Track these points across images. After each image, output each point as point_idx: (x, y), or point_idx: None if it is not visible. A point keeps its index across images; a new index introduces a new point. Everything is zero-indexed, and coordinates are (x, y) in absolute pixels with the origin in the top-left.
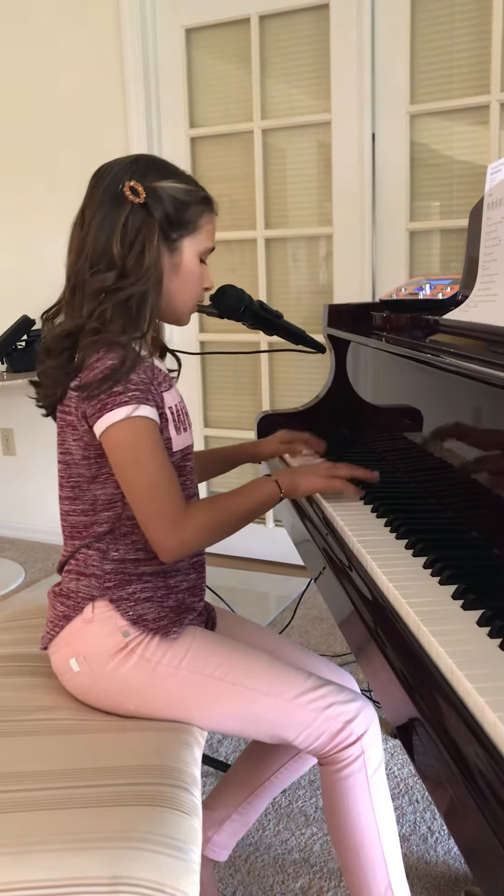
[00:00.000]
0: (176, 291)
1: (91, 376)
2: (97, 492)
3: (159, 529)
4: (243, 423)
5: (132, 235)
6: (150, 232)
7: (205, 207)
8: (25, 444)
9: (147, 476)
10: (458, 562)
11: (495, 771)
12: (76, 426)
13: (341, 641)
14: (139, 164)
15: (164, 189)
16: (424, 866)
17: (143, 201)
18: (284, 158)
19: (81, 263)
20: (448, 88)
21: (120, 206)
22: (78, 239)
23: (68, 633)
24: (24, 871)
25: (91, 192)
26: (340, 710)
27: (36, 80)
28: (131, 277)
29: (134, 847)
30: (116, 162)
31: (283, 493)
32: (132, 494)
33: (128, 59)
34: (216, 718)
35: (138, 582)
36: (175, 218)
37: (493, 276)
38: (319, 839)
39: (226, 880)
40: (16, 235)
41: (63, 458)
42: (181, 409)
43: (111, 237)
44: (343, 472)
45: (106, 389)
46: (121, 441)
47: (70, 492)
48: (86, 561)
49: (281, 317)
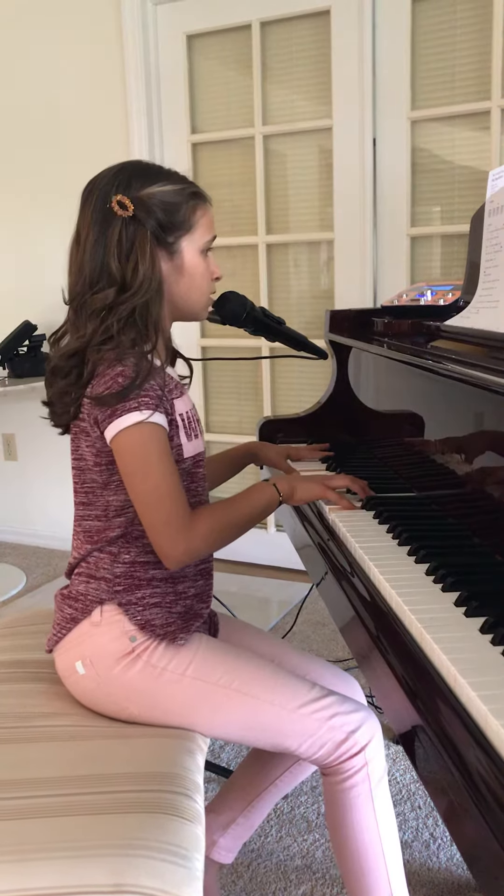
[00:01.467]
0: (185, 291)
1: (105, 386)
2: (110, 497)
3: (166, 537)
4: (245, 429)
5: (127, 249)
6: (144, 242)
7: (196, 202)
8: (27, 450)
9: (154, 482)
10: (460, 569)
11: (498, 778)
12: (89, 432)
13: (343, 647)
14: (123, 173)
15: (152, 196)
16: (427, 872)
17: (133, 214)
18: (286, 164)
19: (82, 284)
20: (449, 94)
21: (111, 222)
22: (77, 260)
23: (75, 636)
24: (27, 878)
25: (83, 210)
26: (344, 720)
27: (38, 85)
28: (131, 290)
29: (136, 854)
30: (102, 175)
31: (282, 499)
32: (139, 501)
33: (129, 65)
34: (220, 726)
35: (147, 587)
36: (167, 222)
37: (495, 282)
38: (321, 845)
39: (228, 887)
40: (17, 241)
41: (77, 464)
42: (192, 416)
43: (107, 254)
44: (340, 482)
45: (119, 399)
46: (129, 447)
47: (84, 497)
48: (96, 564)
49: (283, 323)
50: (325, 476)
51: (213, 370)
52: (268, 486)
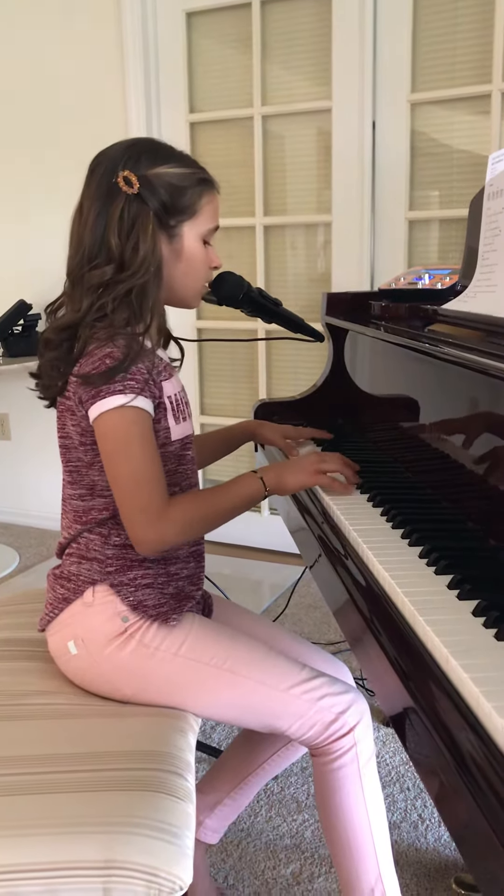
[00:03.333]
0: (181, 277)
1: (92, 366)
2: (95, 477)
3: (139, 523)
4: (240, 411)
5: (129, 227)
6: (146, 222)
7: (203, 189)
8: (20, 429)
9: (132, 467)
10: (453, 552)
11: (489, 760)
12: (74, 411)
13: (334, 629)
14: (134, 150)
15: (159, 176)
16: (415, 853)
17: (138, 192)
18: (284, 145)
19: (80, 257)
20: (449, 77)
21: (115, 197)
22: (77, 232)
23: (68, 616)
24: (18, 853)
25: (88, 183)
26: (333, 701)
27: (36, 63)
28: (129, 270)
29: (128, 831)
30: (112, 148)
31: (268, 492)
32: (116, 484)
33: (128, 42)
34: (211, 706)
35: (139, 568)
36: (171, 205)
37: (493, 266)
38: (311, 825)
39: (217, 865)
40: (13, 220)
41: (63, 442)
42: (181, 399)
43: (108, 230)
44: (331, 465)
45: (105, 380)
46: (111, 429)
47: (69, 475)
48: (87, 545)
49: (280, 304)
50: (316, 458)
51: (208, 352)
52: (253, 480)
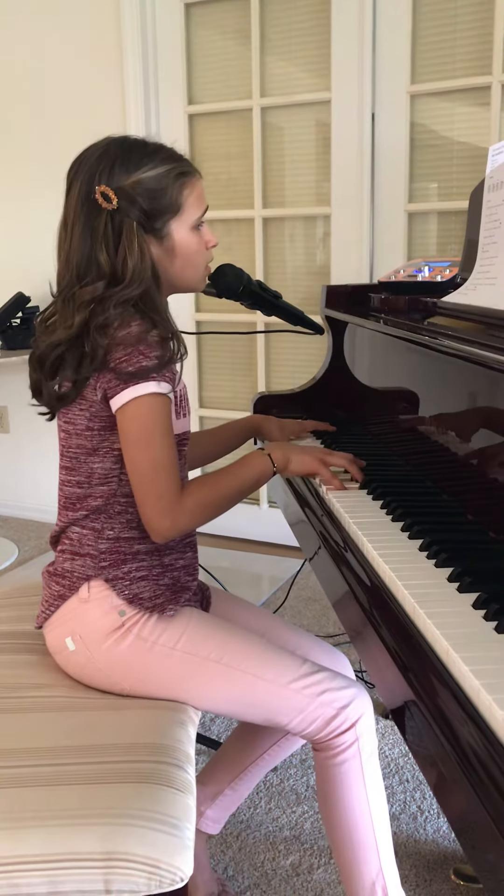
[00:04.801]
0: (180, 270)
1: (131, 360)
2: (95, 465)
3: (156, 511)
4: (239, 404)
5: (115, 241)
6: (132, 233)
7: (183, 182)
8: (19, 422)
9: (154, 454)
10: (453, 545)
11: (489, 752)
12: (86, 396)
13: (334, 622)
14: (106, 159)
15: (136, 184)
16: (414, 844)
17: (116, 206)
18: (283, 137)
19: (70, 275)
20: (449, 69)
21: (96, 213)
22: (64, 249)
23: (64, 613)
24: (19, 846)
25: (69, 194)
26: (335, 696)
27: (33, 55)
28: (123, 283)
29: (128, 823)
30: (86, 157)
31: (276, 469)
32: (135, 470)
33: (126, 33)
34: (210, 700)
35: (133, 561)
36: (152, 209)
37: (493, 258)
38: (310, 817)
39: (217, 856)
40: (11, 212)
41: (65, 427)
42: (183, 395)
43: (94, 246)
44: (337, 461)
45: (147, 373)
46: (139, 416)
47: (68, 462)
48: (80, 540)
49: (280, 297)
50: (325, 451)
51: (207, 345)
52: (262, 457)
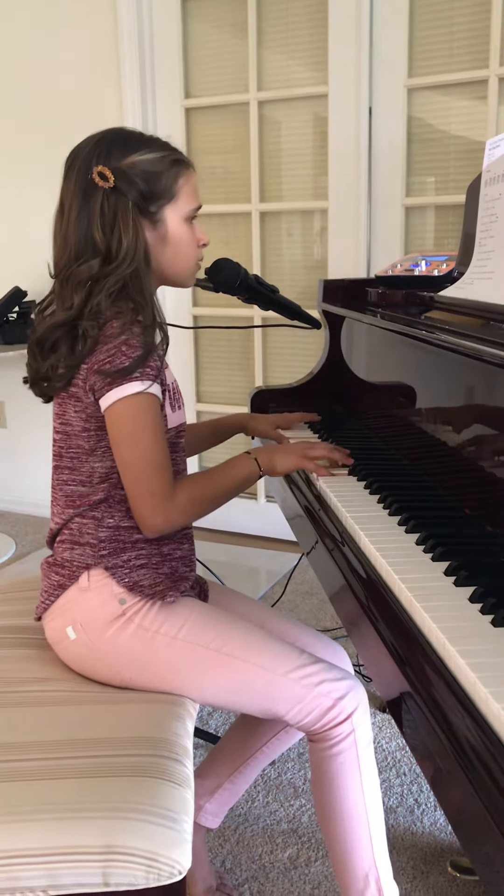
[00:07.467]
0: (171, 260)
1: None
2: (95, 464)
3: (148, 507)
4: (236, 399)
5: (110, 220)
6: (127, 212)
7: (178, 169)
8: (17, 417)
9: (143, 452)
10: (450, 539)
11: (486, 744)
12: (80, 398)
13: (331, 616)
14: (103, 143)
15: (133, 165)
16: (411, 837)
17: (114, 185)
18: (280, 131)
19: (67, 256)
20: (447, 62)
21: (93, 193)
22: (61, 232)
23: (64, 602)
24: (17, 839)
25: (65, 181)
26: (331, 687)
27: (30, 49)
28: (116, 261)
29: (127, 817)
30: (83, 145)
31: (262, 472)
32: (126, 469)
33: (123, 27)
34: (210, 690)
35: (133, 549)
36: (149, 191)
37: (490, 252)
38: (307, 811)
39: (215, 850)
40: (7, 206)
41: (62, 429)
42: (176, 388)
43: (91, 226)
44: (318, 452)
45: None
46: (125, 415)
47: (69, 462)
48: (80, 530)
49: (277, 291)
50: (305, 445)
51: (204, 339)
52: (248, 460)
